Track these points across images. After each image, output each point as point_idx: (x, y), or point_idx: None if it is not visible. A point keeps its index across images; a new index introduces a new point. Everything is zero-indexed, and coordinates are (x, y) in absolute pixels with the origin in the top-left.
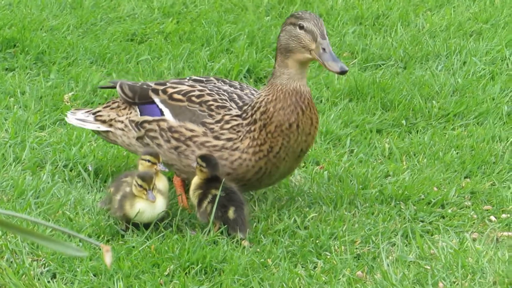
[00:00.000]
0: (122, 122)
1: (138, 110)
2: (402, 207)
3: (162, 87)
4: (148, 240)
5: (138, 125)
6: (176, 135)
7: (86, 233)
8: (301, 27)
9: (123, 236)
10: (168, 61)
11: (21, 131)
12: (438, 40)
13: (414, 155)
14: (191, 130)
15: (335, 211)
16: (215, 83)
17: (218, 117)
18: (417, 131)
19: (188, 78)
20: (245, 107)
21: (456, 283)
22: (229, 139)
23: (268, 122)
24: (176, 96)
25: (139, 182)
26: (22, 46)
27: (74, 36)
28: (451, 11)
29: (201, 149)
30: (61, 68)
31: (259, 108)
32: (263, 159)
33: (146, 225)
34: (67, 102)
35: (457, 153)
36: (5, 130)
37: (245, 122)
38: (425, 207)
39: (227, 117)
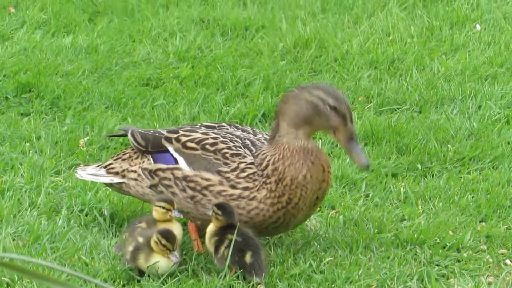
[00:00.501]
0: (135, 171)
1: (151, 158)
2: (417, 251)
3: (175, 135)
4: (163, 285)
5: (152, 173)
6: (191, 185)
7: (101, 278)
8: (333, 108)
9: (139, 281)
10: (184, 106)
11: (37, 176)
12: (453, 84)
13: (430, 199)
14: (207, 179)
15: (351, 255)
16: (227, 129)
17: (234, 165)
18: (433, 175)
19: (200, 124)
20: (259, 155)
21: None
22: (245, 188)
23: (282, 177)
24: (189, 144)
25: (163, 242)
26: (38, 91)
27: (89, 81)
28: (466, 55)
29: (218, 198)
30: (76, 113)
31: (267, 166)
32: (281, 210)
33: None
34: (83, 147)
35: (472, 197)
36: (21, 175)
37: (261, 170)
38: (440, 251)
39: (242, 165)
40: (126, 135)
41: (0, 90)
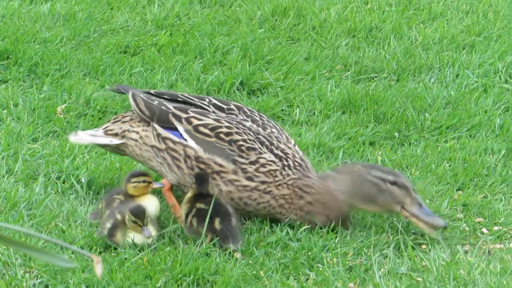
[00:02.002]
0: (137, 133)
1: (158, 126)
2: (394, 219)
3: (185, 115)
4: (140, 252)
5: (161, 137)
6: (202, 166)
7: (78, 245)
8: (393, 183)
9: (115, 248)
10: (161, 73)
11: (14, 143)
12: (431, 53)
13: (407, 167)
14: (220, 165)
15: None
16: (236, 116)
17: (252, 158)
18: (410, 144)
19: (207, 100)
20: (288, 162)
21: None
22: (263, 182)
23: (315, 192)
24: (202, 129)
25: (133, 218)
26: (15, 58)
27: (67, 48)
28: (444, 24)
29: (228, 185)
30: (54, 80)
31: (306, 192)
32: (285, 206)
33: None
34: (60, 114)
35: (449, 165)
36: None
37: (287, 174)
38: None
39: (262, 160)
40: (123, 93)
41: None
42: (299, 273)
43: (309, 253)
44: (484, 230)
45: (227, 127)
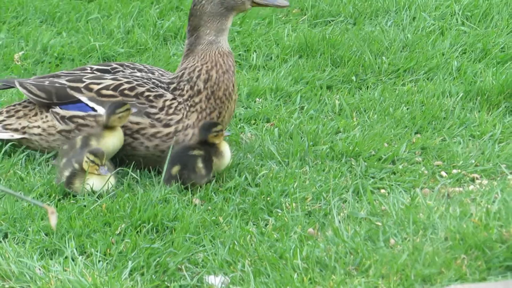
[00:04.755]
0: (38, 127)
1: (60, 109)
2: (353, 163)
3: (82, 84)
4: (99, 199)
5: (66, 119)
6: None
7: (37, 193)
8: None
9: (74, 195)
10: (118, 20)
11: None
12: None
13: (365, 111)
14: (137, 123)
15: (286, 168)
16: (124, 72)
17: (160, 104)
18: (367, 87)
19: (89, 69)
20: (175, 85)
21: (407, 239)
22: (178, 121)
23: (216, 89)
24: (105, 92)
25: (91, 157)
26: None
27: None
28: None
29: (152, 140)
30: (11, 27)
31: (199, 77)
32: None
33: None
34: (18, 62)
35: (407, 108)
36: None
37: (183, 98)
38: (376, 163)
39: (167, 103)
40: (11, 87)
41: None
42: (258, 218)
43: (268, 198)
44: (443, 173)
45: (127, 82)
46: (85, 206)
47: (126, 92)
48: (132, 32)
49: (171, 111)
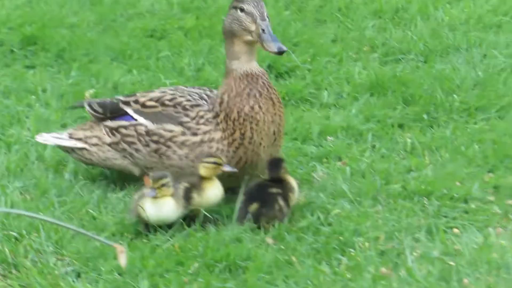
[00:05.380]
0: (96, 136)
1: (109, 122)
2: (425, 202)
3: (133, 98)
4: (172, 239)
5: (113, 130)
6: (155, 138)
7: (110, 232)
8: (242, 10)
9: (147, 234)
10: (189, 57)
11: (43, 129)
12: (458, 33)
13: (436, 149)
14: (170, 131)
15: (359, 207)
16: (184, 88)
17: (193, 114)
18: (439, 126)
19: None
20: (213, 98)
21: (480, 279)
22: (205, 132)
23: (229, 111)
24: (148, 103)
25: (153, 178)
26: (43, 44)
27: (94, 33)
28: (470, 4)
29: (182, 148)
30: (82, 65)
31: (216, 101)
32: (240, 148)
33: (170, 225)
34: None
35: (479, 147)
36: (27, 128)
37: (211, 115)
38: (448, 202)
39: (201, 113)
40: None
41: (6, 43)
42: (331, 258)
43: (341, 238)
44: None
45: (171, 94)
46: (157, 245)
47: (166, 102)
48: (202, 70)
49: (201, 121)
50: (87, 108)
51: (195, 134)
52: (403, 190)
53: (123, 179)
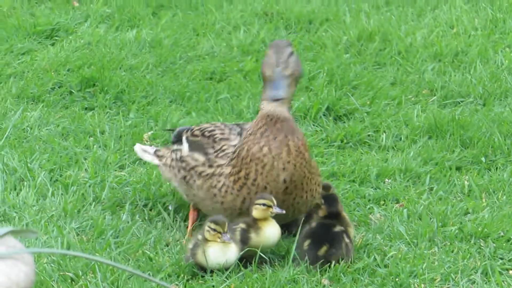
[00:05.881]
0: (166, 156)
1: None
2: (481, 244)
3: (191, 127)
4: (228, 280)
5: (171, 152)
6: (183, 165)
7: (166, 273)
8: (266, 55)
9: (203, 276)
10: (247, 100)
11: (101, 170)
12: None
13: (494, 192)
14: (195, 160)
15: (415, 249)
16: (238, 124)
17: (218, 147)
18: (497, 168)
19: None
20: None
21: None
22: (218, 166)
23: (241, 148)
24: (196, 132)
25: (213, 226)
26: (102, 85)
27: (153, 75)
28: None
29: (199, 178)
30: (140, 107)
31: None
32: (244, 188)
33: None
34: (147, 141)
35: None
36: (85, 169)
37: (232, 150)
38: (504, 244)
39: (225, 147)
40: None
41: (65, 85)
42: None
43: (397, 279)
44: None
45: (216, 126)
46: (213, 286)
47: (206, 133)
48: None
49: (221, 154)
50: (171, 132)
51: (211, 166)
52: (460, 232)
53: (180, 220)
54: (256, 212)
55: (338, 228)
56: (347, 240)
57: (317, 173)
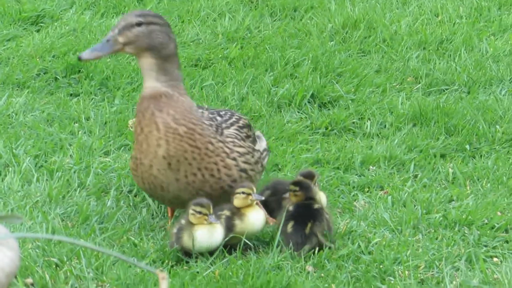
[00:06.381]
0: None
1: None
2: (466, 232)
3: None
4: (212, 266)
5: None
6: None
7: (150, 259)
8: None
9: (187, 262)
10: (232, 86)
11: (86, 156)
12: (501, 65)
13: (478, 180)
14: None
15: (399, 236)
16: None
17: None
18: (481, 156)
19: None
20: None
21: None
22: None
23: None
24: None
25: (198, 209)
26: (87, 72)
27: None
28: None
29: None
30: (125, 93)
31: None
32: (138, 168)
33: (210, 252)
34: (132, 128)
35: None
36: (70, 155)
37: None
38: (488, 231)
39: None
40: None
41: (50, 71)
42: (371, 286)
43: (381, 266)
44: None
45: None
46: (198, 272)
47: None
48: (246, 99)
49: None
50: None
51: None
52: (444, 219)
53: (165, 206)
54: (236, 201)
55: (316, 206)
56: (326, 216)
57: (222, 154)
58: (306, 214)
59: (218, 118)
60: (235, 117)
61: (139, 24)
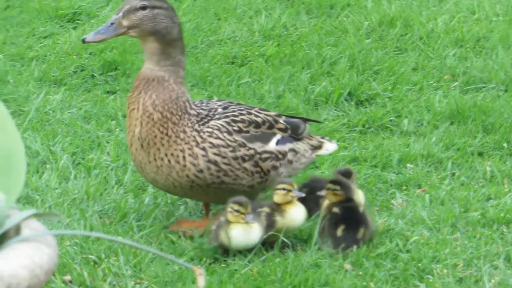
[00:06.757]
0: None
1: None
2: (504, 230)
3: None
4: (250, 263)
5: None
6: None
7: (188, 256)
8: None
9: (225, 260)
10: (269, 84)
11: (123, 154)
12: None
13: None
14: None
15: (437, 234)
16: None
17: None
18: None
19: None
20: None
21: None
22: None
23: None
24: None
25: (236, 207)
26: (124, 69)
27: None
28: None
29: None
30: None
31: None
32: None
33: (248, 250)
34: None
35: None
36: (107, 153)
37: None
38: None
39: None
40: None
41: (87, 68)
42: (409, 284)
43: (419, 265)
44: None
45: None
46: (236, 270)
47: None
48: (283, 97)
49: None
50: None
51: None
52: (482, 217)
53: (203, 203)
54: (277, 197)
55: (361, 209)
56: (368, 218)
57: (191, 143)
58: (357, 219)
59: (220, 110)
60: (242, 112)
61: (143, 8)
